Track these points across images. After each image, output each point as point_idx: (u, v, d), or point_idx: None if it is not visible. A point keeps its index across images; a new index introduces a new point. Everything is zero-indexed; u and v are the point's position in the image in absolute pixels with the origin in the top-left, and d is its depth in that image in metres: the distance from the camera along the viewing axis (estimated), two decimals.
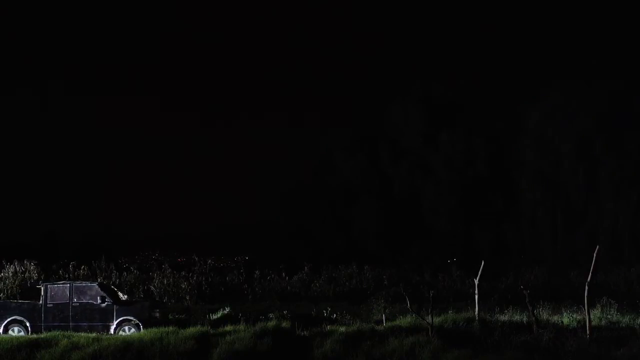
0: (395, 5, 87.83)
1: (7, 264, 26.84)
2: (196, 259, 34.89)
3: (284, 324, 17.35)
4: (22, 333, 18.31)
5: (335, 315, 20.71)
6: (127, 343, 15.56)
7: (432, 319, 16.99)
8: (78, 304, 18.55)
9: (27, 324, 18.56)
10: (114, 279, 27.82)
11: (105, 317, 18.36)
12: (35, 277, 26.44)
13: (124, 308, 18.53)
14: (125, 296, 20.22)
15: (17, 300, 21.91)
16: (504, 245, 39.43)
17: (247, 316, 20.27)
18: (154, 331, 16.52)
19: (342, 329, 16.91)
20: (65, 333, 17.55)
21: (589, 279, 16.11)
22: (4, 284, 25.81)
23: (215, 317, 20.96)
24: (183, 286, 27.27)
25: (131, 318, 18.28)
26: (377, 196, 42.25)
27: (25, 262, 27.03)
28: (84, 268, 28.24)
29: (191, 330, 16.79)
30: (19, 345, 15.81)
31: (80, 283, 19.48)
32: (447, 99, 43.88)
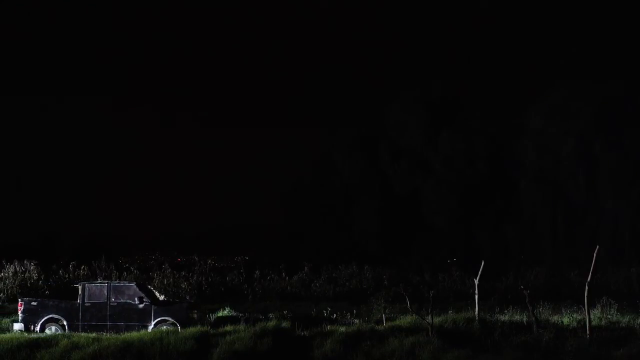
0: (396, 5, 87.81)
1: (7, 264, 26.87)
2: (196, 259, 34.97)
3: (284, 324, 17.34)
4: (59, 332, 18.13)
5: (335, 315, 20.72)
6: (127, 343, 15.55)
7: (432, 319, 16.99)
8: (116, 304, 18.42)
9: (65, 323, 18.47)
10: (114, 279, 27.81)
11: (143, 317, 18.21)
12: (35, 277, 26.48)
13: (162, 308, 18.42)
14: (162, 296, 20.06)
15: (55, 299, 21.95)
16: (504, 245, 39.45)
17: (247, 316, 20.27)
18: (154, 331, 16.52)
19: (342, 329, 16.90)
20: (65, 333, 17.55)
21: (589, 279, 16.11)
22: (4, 284, 25.85)
23: (215, 317, 20.95)
24: (183, 286, 27.28)
25: (169, 318, 18.13)
26: (377, 196, 42.25)
27: (25, 262, 27.05)
28: (84, 268, 28.26)
29: (191, 330, 16.79)
30: (19, 345, 15.79)
31: (118, 283, 19.41)
32: (447, 99, 43.91)
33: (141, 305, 18.29)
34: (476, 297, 18.37)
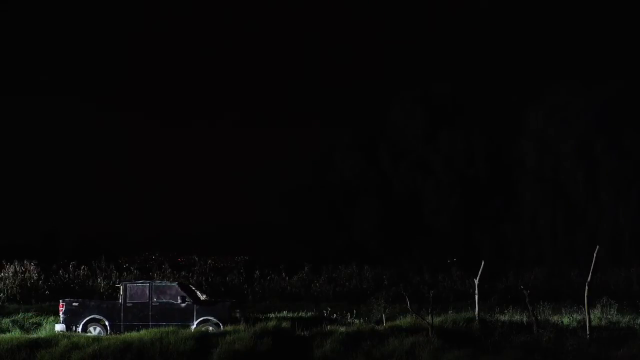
0: (396, 5, 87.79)
1: (7, 264, 26.83)
2: (196, 259, 34.91)
3: (284, 324, 17.34)
4: (102, 333, 18.11)
5: (335, 315, 20.72)
6: (127, 343, 15.57)
7: (432, 319, 17.00)
8: (158, 304, 18.33)
9: (106, 323, 18.41)
10: (114, 279, 27.77)
11: (185, 317, 18.11)
12: (35, 277, 26.46)
13: (204, 308, 18.32)
14: (204, 296, 19.88)
15: (97, 299, 21.99)
16: (504, 245, 39.45)
17: (247, 316, 20.26)
18: (153, 331, 16.53)
19: (342, 329, 16.91)
20: (65, 333, 17.55)
21: (589, 279, 16.13)
22: (4, 284, 25.83)
23: None
24: None
25: (211, 318, 18.04)
26: (377, 196, 42.24)
27: (25, 262, 27.01)
28: (84, 268, 28.21)
29: (191, 330, 16.80)
30: (19, 345, 15.80)
31: (160, 282, 19.43)
32: (447, 99, 43.89)
33: (183, 305, 18.19)
34: (476, 297, 18.37)
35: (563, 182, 39.62)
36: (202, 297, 19.51)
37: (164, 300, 18.37)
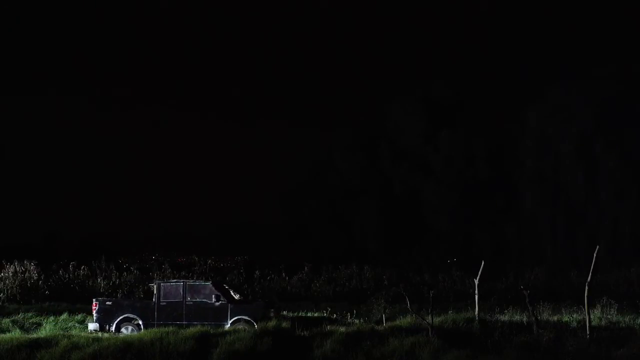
0: (396, 4, 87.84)
1: (7, 264, 26.85)
2: (196, 259, 34.97)
3: (284, 324, 17.34)
4: (134, 332, 18.02)
5: (335, 315, 20.72)
6: (127, 343, 15.55)
7: (432, 319, 16.99)
8: (192, 303, 18.29)
9: (140, 322, 18.37)
10: (114, 279, 27.78)
11: (219, 316, 18.07)
12: (35, 277, 26.47)
13: (238, 307, 18.25)
14: (237, 295, 19.81)
15: (130, 298, 22.17)
16: (504, 245, 39.46)
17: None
18: (154, 331, 16.51)
19: (342, 329, 16.90)
20: (65, 333, 17.53)
21: (589, 279, 16.11)
22: (4, 284, 25.85)
23: None
24: None
25: (246, 317, 17.97)
26: (377, 196, 42.27)
27: (25, 262, 27.03)
28: (84, 268, 28.24)
29: (191, 330, 16.80)
30: (19, 345, 15.79)
31: (194, 282, 19.38)
32: (448, 99, 43.94)
33: (217, 304, 18.14)
34: (476, 297, 18.35)
35: (563, 182, 39.63)
36: (236, 296, 19.44)
37: (198, 300, 18.32)
